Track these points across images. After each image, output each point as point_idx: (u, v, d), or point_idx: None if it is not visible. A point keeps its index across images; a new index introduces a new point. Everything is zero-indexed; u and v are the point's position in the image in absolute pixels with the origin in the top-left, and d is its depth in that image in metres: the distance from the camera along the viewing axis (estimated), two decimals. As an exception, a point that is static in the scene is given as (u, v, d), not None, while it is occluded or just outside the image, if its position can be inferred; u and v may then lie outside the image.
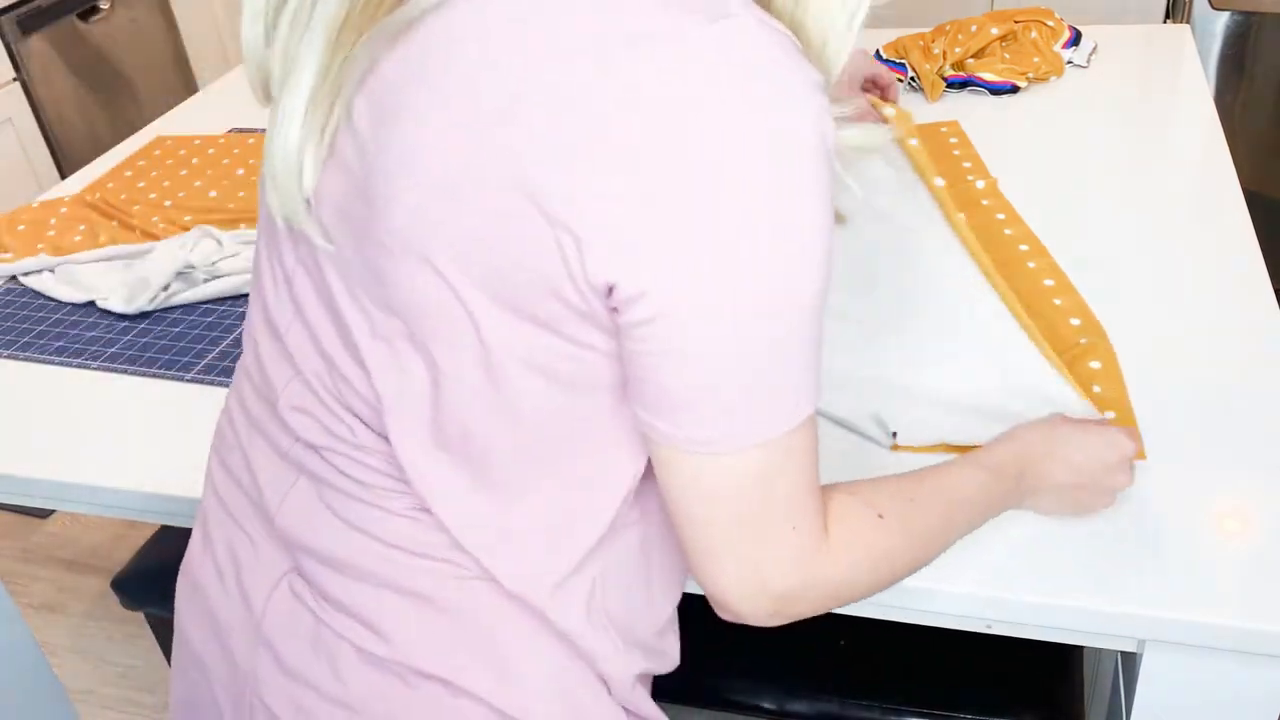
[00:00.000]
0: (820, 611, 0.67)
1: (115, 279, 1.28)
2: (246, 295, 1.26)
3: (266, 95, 0.67)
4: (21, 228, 1.43)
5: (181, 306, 1.25)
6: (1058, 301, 1.07)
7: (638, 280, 0.55)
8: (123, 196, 1.49)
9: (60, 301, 1.28)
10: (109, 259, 1.33)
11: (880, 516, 0.68)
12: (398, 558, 0.67)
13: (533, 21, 0.55)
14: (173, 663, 0.79)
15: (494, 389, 0.61)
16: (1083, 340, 1.01)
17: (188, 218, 1.41)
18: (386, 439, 0.66)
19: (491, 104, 0.55)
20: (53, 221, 1.44)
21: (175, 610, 0.79)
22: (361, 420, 0.67)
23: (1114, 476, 0.81)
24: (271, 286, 0.71)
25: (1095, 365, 0.98)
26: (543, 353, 0.60)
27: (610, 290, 0.56)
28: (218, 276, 1.27)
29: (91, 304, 1.27)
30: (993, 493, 0.78)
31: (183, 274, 1.26)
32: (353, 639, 0.67)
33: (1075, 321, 1.04)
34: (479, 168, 0.55)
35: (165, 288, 1.24)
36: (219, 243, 1.30)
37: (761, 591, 0.64)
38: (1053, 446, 0.81)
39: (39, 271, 1.33)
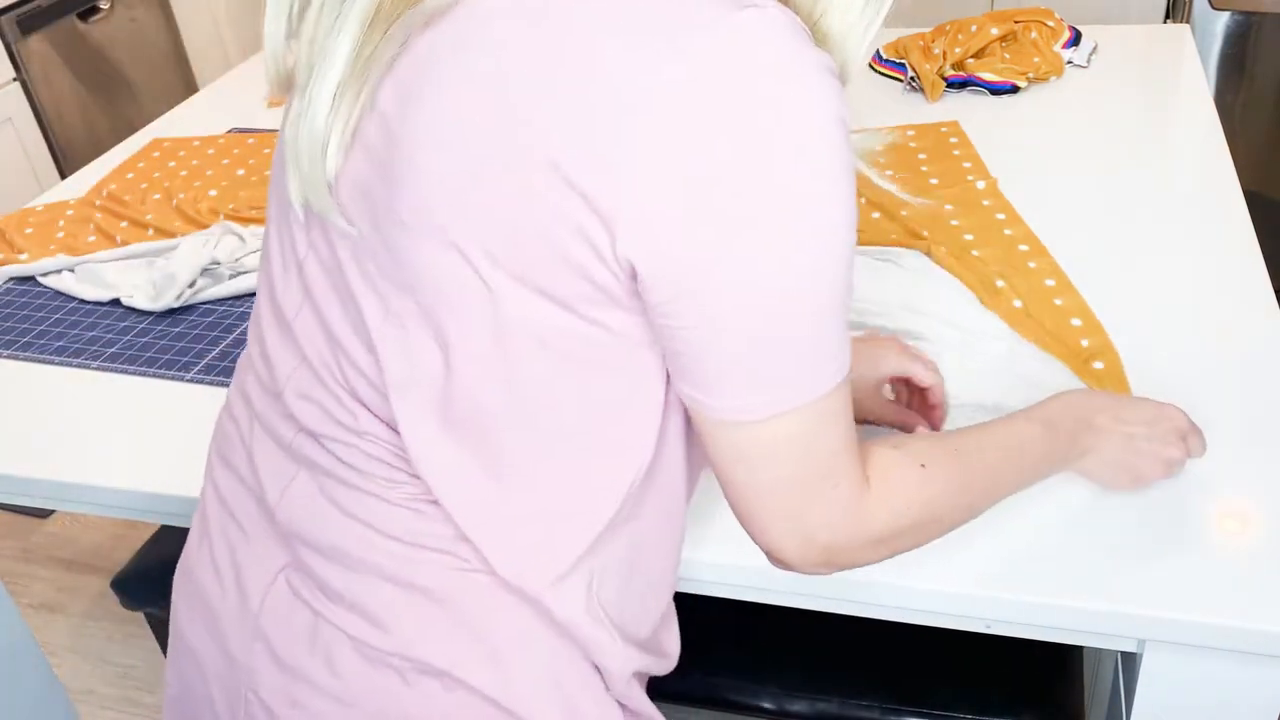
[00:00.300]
0: (873, 561, 0.69)
1: (139, 277, 1.28)
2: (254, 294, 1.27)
3: (283, 88, 0.68)
4: (29, 230, 1.43)
5: (182, 306, 1.25)
6: (1058, 302, 1.07)
7: (668, 257, 0.57)
8: (127, 198, 1.49)
9: (82, 301, 1.28)
10: (131, 257, 1.33)
11: (923, 466, 0.69)
12: (395, 549, 0.67)
13: (566, 6, 0.56)
14: (167, 658, 0.79)
15: (506, 369, 0.62)
16: (1084, 342, 1.01)
17: (204, 209, 1.41)
18: (390, 425, 0.66)
19: (523, 83, 0.56)
20: (60, 223, 1.44)
21: (171, 606, 0.79)
22: (365, 406, 0.67)
23: (1167, 445, 0.82)
24: (281, 274, 0.71)
25: (1099, 366, 0.98)
26: (558, 332, 0.61)
27: (638, 267, 0.58)
28: (242, 272, 1.27)
29: (92, 303, 1.27)
30: (1044, 446, 0.79)
31: (208, 270, 1.26)
32: (350, 631, 0.67)
33: (1076, 322, 1.04)
34: (507, 146, 0.56)
35: (191, 284, 1.24)
36: (241, 239, 1.30)
37: (809, 545, 0.66)
38: (1108, 405, 0.83)
39: (58, 271, 1.33)
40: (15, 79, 2.49)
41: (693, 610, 0.91)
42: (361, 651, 0.67)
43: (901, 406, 0.95)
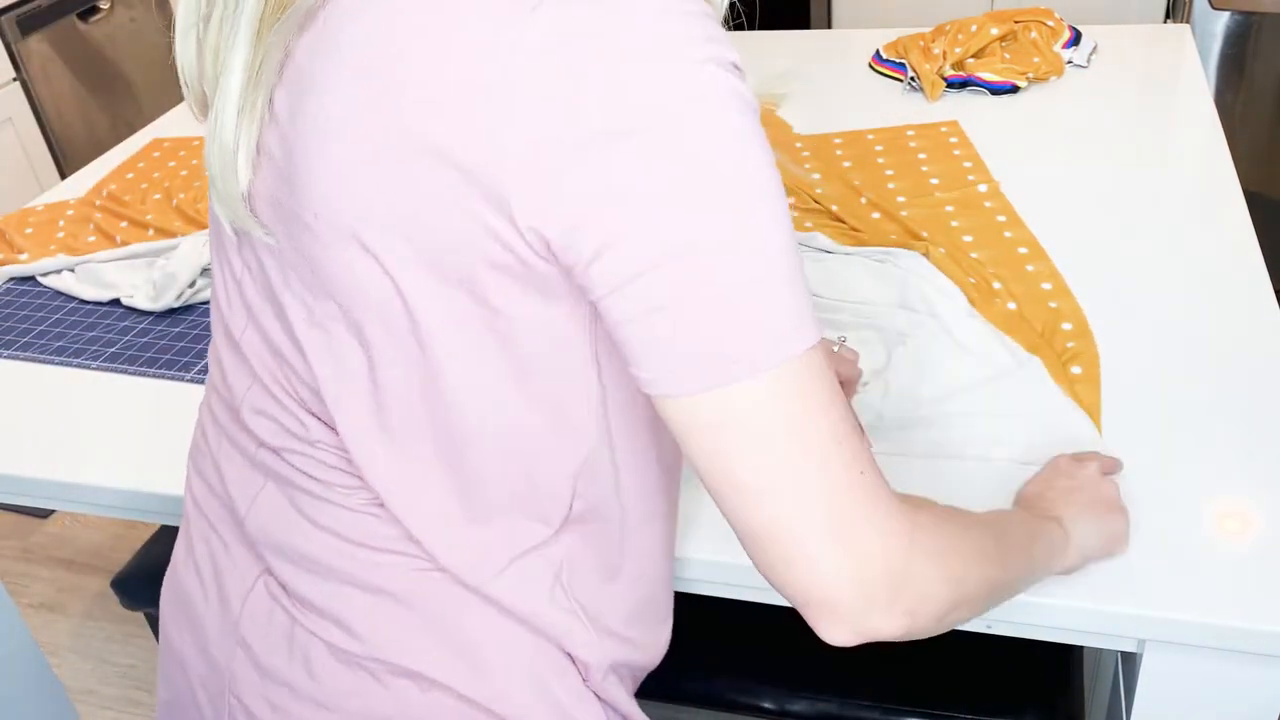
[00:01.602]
0: (948, 601, 0.59)
1: (139, 277, 1.28)
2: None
3: (202, 108, 0.67)
4: (29, 230, 1.43)
5: (182, 306, 1.25)
6: (1054, 305, 1.07)
7: (573, 222, 0.54)
8: (127, 198, 1.49)
9: (82, 301, 1.28)
10: (131, 257, 1.33)
11: (953, 515, 0.64)
12: (360, 554, 0.67)
13: None
14: (158, 665, 0.79)
15: (428, 368, 0.61)
16: (1070, 344, 1.02)
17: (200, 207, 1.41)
18: (336, 431, 0.66)
19: (390, 69, 0.55)
20: (61, 223, 1.44)
21: (160, 614, 0.79)
22: (313, 414, 0.67)
23: (1097, 486, 0.82)
24: (224, 295, 0.72)
25: (1076, 370, 0.99)
26: (472, 326, 0.60)
27: (546, 234, 0.55)
28: None
29: (92, 303, 1.27)
30: (1039, 529, 0.74)
31: (208, 270, 1.26)
32: (325, 637, 0.68)
33: (1067, 326, 1.04)
34: (387, 136, 0.55)
35: (191, 284, 1.24)
36: None
37: (863, 566, 0.55)
38: (1052, 478, 0.83)
39: (58, 271, 1.33)
40: (15, 79, 2.49)
41: (693, 610, 0.91)
42: (337, 656, 0.68)
43: None
